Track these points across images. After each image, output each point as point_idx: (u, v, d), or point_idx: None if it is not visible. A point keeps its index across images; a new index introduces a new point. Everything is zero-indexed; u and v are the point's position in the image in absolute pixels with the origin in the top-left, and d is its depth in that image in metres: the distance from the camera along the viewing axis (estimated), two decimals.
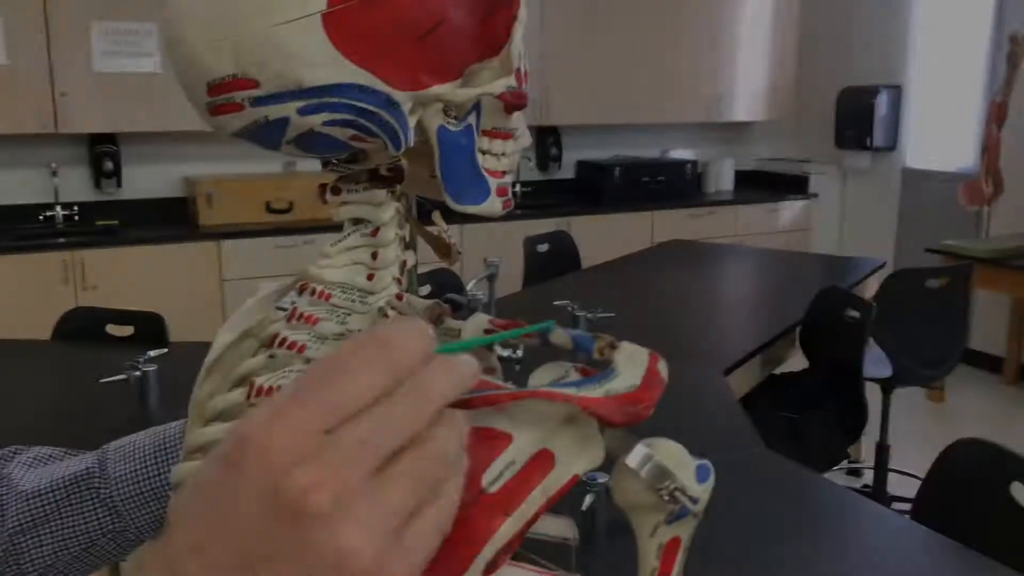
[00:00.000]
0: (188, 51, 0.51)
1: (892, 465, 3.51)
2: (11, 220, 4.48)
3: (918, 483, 1.80)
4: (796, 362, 3.17)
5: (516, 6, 0.57)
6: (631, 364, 0.49)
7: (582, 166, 6.00)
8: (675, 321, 2.99)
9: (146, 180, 4.75)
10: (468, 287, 2.19)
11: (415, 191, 0.64)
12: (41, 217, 4.53)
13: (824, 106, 6.31)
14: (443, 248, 0.65)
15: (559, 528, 0.56)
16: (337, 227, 0.61)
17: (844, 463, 3.80)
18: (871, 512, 1.60)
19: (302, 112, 0.51)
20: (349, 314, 0.59)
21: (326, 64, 0.50)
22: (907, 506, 1.82)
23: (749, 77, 6.17)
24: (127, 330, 2.75)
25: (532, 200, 5.73)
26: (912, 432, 4.30)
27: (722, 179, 6.39)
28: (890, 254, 5.94)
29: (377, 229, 0.59)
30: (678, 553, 0.52)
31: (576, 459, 0.49)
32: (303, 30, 0.49)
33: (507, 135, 0.60)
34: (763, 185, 6.56)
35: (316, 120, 0.51)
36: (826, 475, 2.02)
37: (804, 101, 6.52)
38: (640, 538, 0.52)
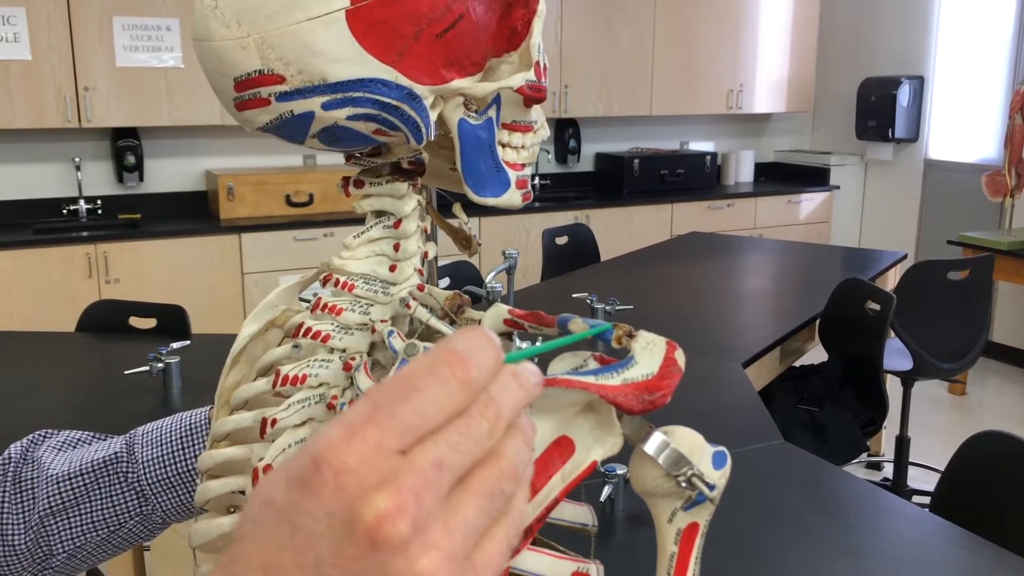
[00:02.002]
0: (215, 48, 0.52)
1: (912, 459, 3.50)
2: (35, 214, 4.54)
3: (938, 477, 1.79)
4: (815, 355, 3.16)
5: (535, 1, 0.58)
6: (648, 353, 0.50)
7: (601, 158, 5.99)
8: (694, 314, 2.99)
9: (168, 174, 4.80)
10: (487, 279, 2.20)
11: (436, 184, 0.65)
12: (65, 211, 4.59)
13: (845, 97, 6.26)
14: (463, 240, 0.66)
15: (579, 515, 0.56)
16: (356, 220, 0.63)
17: (864, 456, 3.78)
18: (889, 505, 1.59)
19: (326, 107, 0.52)
20: (372, 304, 0.60)
21: (349, 60, 0.51)
22: (927, 500, 1.81)
23: (769, 68, 6.14)
24: (150, 322, 2.78)
25: (551, 193, 5.74)
26: (933, 425, 4.28)
27: (741, 171, 6.36)
28: (911, 246, 5.90)
29: (399, 221, 0.60)
30: (696, 539, 0.53)
31: (595, 446, 0.50)
32: (327, 27, 0.50)
33: (526, 128, 0.61)
34: (783, 177, 6.53)
35: (340, 114, 0.52)
36: (845, 468, 2.02)
37: (824, 92, 6.48)
38: (658, 524, 0.53)
